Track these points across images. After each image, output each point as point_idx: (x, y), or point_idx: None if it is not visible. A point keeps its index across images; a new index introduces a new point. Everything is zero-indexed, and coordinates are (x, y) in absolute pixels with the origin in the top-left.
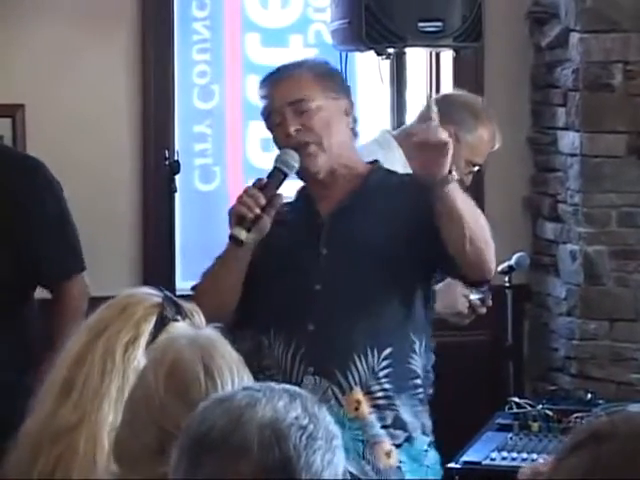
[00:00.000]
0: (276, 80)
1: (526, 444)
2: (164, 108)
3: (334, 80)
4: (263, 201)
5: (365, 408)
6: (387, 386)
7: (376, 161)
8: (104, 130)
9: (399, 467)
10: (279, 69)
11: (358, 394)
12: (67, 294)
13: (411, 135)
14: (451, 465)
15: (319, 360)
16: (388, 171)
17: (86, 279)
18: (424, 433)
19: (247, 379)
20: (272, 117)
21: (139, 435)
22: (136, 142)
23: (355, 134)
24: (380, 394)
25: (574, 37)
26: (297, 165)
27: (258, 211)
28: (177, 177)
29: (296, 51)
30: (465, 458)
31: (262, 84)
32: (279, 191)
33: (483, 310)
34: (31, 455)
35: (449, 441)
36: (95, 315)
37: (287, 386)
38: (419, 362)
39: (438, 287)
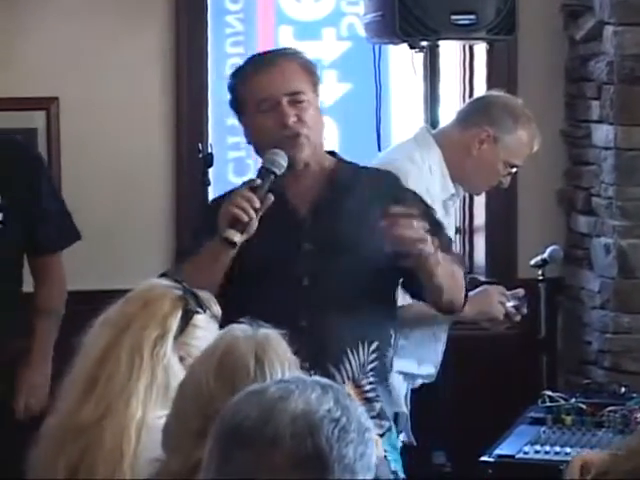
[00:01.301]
0: (267, 68)
1: (559, 437)
2: (197, 101)
3: (317, 74)
4: (258, 204)
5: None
6: (373, 379)
7: (334, 152)
8: (137, 123)
9: (385, 456)
10: (263, 58)
11: (349, 389)
12: (59, 264)
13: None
14: (484, 458)
15: (313, 356)
16: (351, 164)
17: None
18: (394, 421)
19: None
20: (261, 104)
21: (185, 421)
22: (169, 135)
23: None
24: (368, 387)
25: (608, 30)
26: (286, 164)
27: (253, 214)
28: (210, 170)
29: (329, 44)
30: (498, 452)
31: (246, 73)
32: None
33: (518, 318)
34: (55, 449)
35: (483, 434)
36: (115, 311)
37: (319, 378)
38: (392, 354)
39: (474, 292)
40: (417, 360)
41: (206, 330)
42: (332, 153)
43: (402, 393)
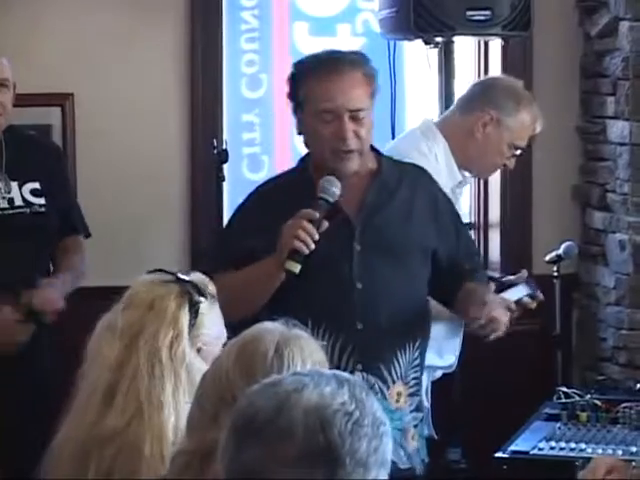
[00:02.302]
0: (334, 77)
1: (574, 434)
2: (212, 97)
3: (376, 82)
4: (317, 236)
5: (403, 399)
6: (417, 375)
7: (372, 145)
8: (153, 119)
9: (417, 448)
10: (331, 63)
11: (399, 387)
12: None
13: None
14: (499, 455)
15: (367, 357)
16: (392, 160)
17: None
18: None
19: None
20: (323, 113)
21: (203, 404)
22: (185, 131)
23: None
24: (413, 382)
25: (624, 26)
26: (339, 192)
27: (313, 246)
28: (225, 166)
29: (344, 40)
30: (513, 448)
31: (312, 73)
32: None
33: (534, 305)
34: (78, 462)
35: (497, 430)
36: (120, 316)
37: (336, 372)
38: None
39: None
40: (438, 352)
41: (212, 314)
42: (371, 146)
43: (424, 386)
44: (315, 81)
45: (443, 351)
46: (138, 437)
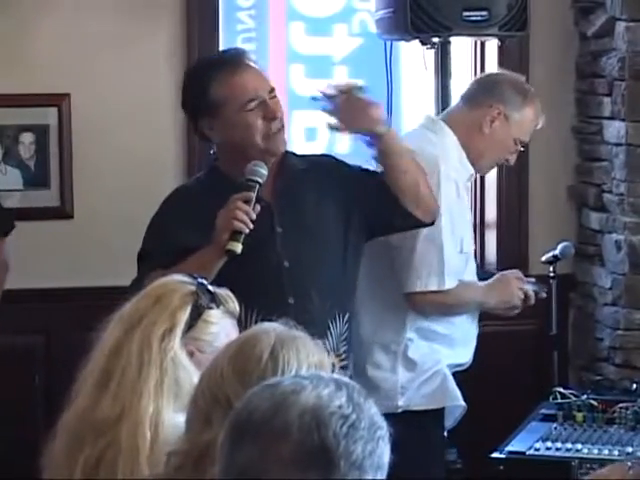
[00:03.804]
0: (244, 69)
1: (570, 434)
2: None
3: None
4: (254, 215)
5: (337, 371)
6: (346, 347)
7: None
8: (149, 119)
9: None
10: (231, 61)
11: (333, 359)
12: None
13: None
14: (495, 455)
15: (302, 330)
16: (292, 153)
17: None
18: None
19: None
20: (249, 103)
21: (198, 402)
22: (181, 131)
23: None
24: (343, 355)
25: (620, 26)
26: (266, 172)
27: (252, 225)
28: None
29: (340, 40)
30: (509, 448)
31: (220, 74)
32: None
33: (532, 302)
34: (74, 445)
35: (493, 431)
36: (130, 306)
37: (335, 375)
38: (353, 322)
39: (490, 282)
40: (466, 348)
41: (219, 325)
42: None
43: (455, 386)
44: (227, 80)
45: (458, 348)
46: (123, 429)
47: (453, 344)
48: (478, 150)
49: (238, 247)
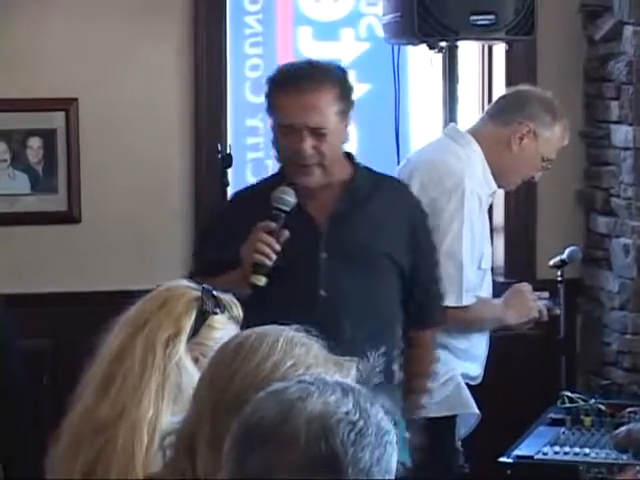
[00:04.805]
0: (297, 93)
1: (578, 438)
2: (216, 102)
3: (350, 96)
4: (278, 247)
5: None
6: (381, 379)
7: (350, 154)
8: (156, 124)
9: None
10: (297, 77)
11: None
12: None
13: None
14: (503, 459)
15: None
16: (370, 170)
17: None
18: (402, 417)
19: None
20: (283, 128)
21: (197, 398)
22: (189, 136)
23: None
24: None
25: (628, 30)
26: (294, 200)
27: (274, 257)
28: (229, 171)
29: (348, 45)
30: (517, 452)
31: (277, 86)
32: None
33: (545, 318)
34: (73, 448)
35: (501, 435)
36: (134, 309)
37: (341, 380)
38: (398, 352)
39: (505, 297)
40: (475, 364)
41: (224, 331)
42: (349, 156)
43: (468, 394)
44: (277, 95)
45: (468, 363)
46: (120, 431)
47: (465, 357)
48: (505, 167)
49: (261, 280)
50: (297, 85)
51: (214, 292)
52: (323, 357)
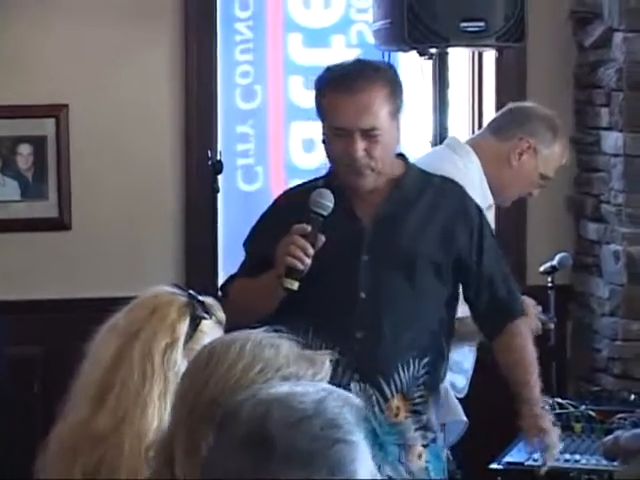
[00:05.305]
0: (349, 94)
1: (569, 445)
2: (207, 108)
3: (401, 95)
4: (312, 251)
5: (403, 414)
6: (424, 392)
7: (402, 154)
8: (147, 130)
9: (426, 467)
10: (348, 77)
11: (398, 401)
12: None
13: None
14: (494, 466)
15: (366, 368)
16: (420, 170)
17: None
18: (441, 431)
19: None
20: (336, 129)
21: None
22: (179, 142)
23: (399, 140)
24: (418, 400)
25: (618, 37)
26: (332, 204)
27: (308, 261)
28: (220, 177)
29: (338, 51)
30: (508, 459)
31: (328, 88)
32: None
33: (539, 332)
34: (69, 457)
35: (492, 441)
36: (123, 318)
37: (329, 386)
38: (445, 366)
39: None
40: (466, 376)
41: (212, 336)
42: (401, 156)
43: (457, 401)
44: (329, 97)
45: (455, 374)
46: (125, 439)
47: (455, 369)
48: (503, 181)
49: (294, 284)
50: (348, 85)
51: (199, 297)
52: (294, 355)
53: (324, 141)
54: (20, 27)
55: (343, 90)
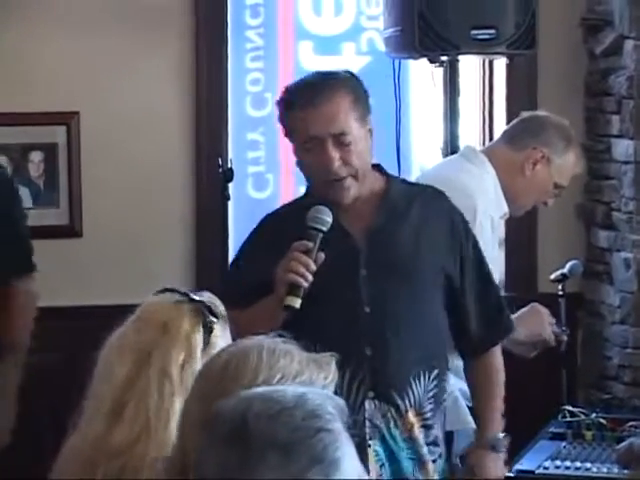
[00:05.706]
0: (313, 104)
1: (580, 453)
2: (217, 116)
3: (366, 101)
4: (314, 267)
5: (416, 429)
6: (433, 406)
7: (379, 165)
8: (158, 138)
9: None
10: (310, 90)
11: (412, 416)
12: (17, 292)
13: None
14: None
15: (378, 384)
16: (402, 180)
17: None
18: (445, 446)
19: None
20: (306, 144)
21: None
22: (189, 150)
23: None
24: (429, 414)
25: (629, 44)
26: (331, 219)
27: (310, 277)
28: (230, 185)
29: (349, 59)
30: (518, 467)
31: (292, 104)
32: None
33: (552, 344)
34: (86, 472)
35: None
36: (132, 335)
37: (331, 394)
38: (449, 379)
39: (520, 313)
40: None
41: (223, 336)
42: (378, 167)
43: (467, 409)
44: (293, 115)
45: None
46: (145, 451)
47: (462, 375)
48: (517, 191)
49: (297, 302)
50: (310, 98)
51: (201, 300)
52: (305, 360)
53: (298, 162)
54: (30, 34)
55: (306, 104)
